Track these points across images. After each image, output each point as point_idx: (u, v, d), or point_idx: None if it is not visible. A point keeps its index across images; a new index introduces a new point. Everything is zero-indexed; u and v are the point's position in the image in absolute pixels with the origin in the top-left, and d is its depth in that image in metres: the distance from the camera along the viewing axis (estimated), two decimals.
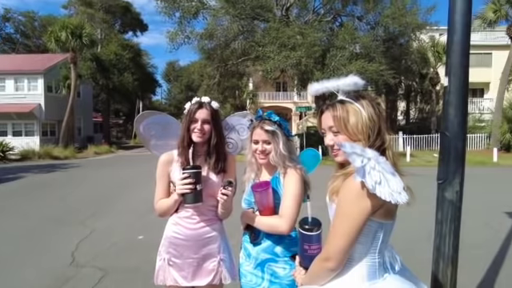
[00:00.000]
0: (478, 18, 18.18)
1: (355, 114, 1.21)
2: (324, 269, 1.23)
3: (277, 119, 1.75)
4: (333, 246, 1.20)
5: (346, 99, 1.25)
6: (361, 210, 1.14)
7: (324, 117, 1.29)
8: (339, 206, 1.19)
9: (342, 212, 1.18)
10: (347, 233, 1.16)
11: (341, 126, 1.22)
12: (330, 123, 1.25)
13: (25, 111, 22.73)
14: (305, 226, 1.38)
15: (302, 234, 1.39)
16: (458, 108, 2.17)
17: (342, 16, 19.36)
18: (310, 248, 1.38)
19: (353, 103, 1.23)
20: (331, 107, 1.26)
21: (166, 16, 17.92)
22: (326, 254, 1.23)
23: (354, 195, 1.14)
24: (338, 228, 1.19)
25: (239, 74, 21.81)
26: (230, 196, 1.70)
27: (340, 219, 1.18)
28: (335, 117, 1.23)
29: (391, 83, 17.07)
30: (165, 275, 1.88)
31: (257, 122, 1.75)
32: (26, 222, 6.10)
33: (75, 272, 3.83)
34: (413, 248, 4.16)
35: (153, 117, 2.10)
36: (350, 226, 1.16)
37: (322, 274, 1.25)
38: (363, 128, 1.20)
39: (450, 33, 2.19)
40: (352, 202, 1.15)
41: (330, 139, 1.27)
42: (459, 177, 2.20)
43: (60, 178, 11.54)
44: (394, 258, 1.33)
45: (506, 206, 6.34)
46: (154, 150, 2.09)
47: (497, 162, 14.34)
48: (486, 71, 24.34)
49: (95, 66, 27.74)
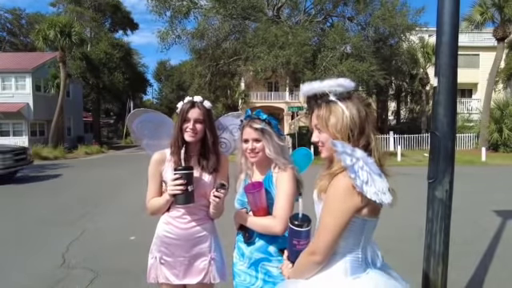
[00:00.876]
0: (465, 20, 18.47)
1: (337, 114, 1.27)
2: (310, 262, 1.29)
3: (265, 117, 1.76)
4: (319, 240, 1.25)
5: (333, 99, 1.30)
6: (347, 208, 1.20)
7: (313, 115, 1.37)
8: (327, 203, 1.25)
9: (329, 209, 1.24)
10: (333, 228, 1.22)
11: (322, 125, 1.31)
12: (315, 121, 1.34)
13: (12, 111, 22.32)
14: (295, 222, 1.42)
15: (292, 230, 1.43)
16: (447, 108, 2.21)
17: (332, 17, 19.49)
18: (299, 243, 1.42)
19: (337, 104, 1.29)
20: (318, 107, 1.33)
21: (157, 15, 17.82)
22: (312, 248, 1.28)
23: (341, 193, 1.20)
24: (324, 224, 1.25)
25: (231, 73, 21.79)
26: (222, 198, 1.71)
27: (327, 215, 1.24)
28: (318, 116, 1.32)
29: (382, 83, 17.25)
30: (157, 273, 1.89)
31: (246, 122, 1.76)
32: (15, 223, 6.00)
33: (66, 273, 3.79)
34: (404, 246, 4.21)
35: (146, 114, 2.08)
36: (337, 222, 1.22)
37: (308, 268, 1.31)
38: (341, 128, 1.26)
39: (438, 34, 2.23)
40: (339, 200, 1.21)
41: (315, 136, 1.36)
42: (449, 176, 2.24)
43: (50, 179, 11.37)
44: (375, 254, 1.39)
45: (494, 205, 6.46)
46: (147, 149, 2.08)
47: (485, 162, 14.59)
48: (474, 72, 24.76)
49: (85, 65, 27.35)
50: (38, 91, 24.48)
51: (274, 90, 29.03)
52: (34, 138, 23.33)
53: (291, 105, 22.64)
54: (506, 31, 17.84)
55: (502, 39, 18.11)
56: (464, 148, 19.49)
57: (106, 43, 30.29)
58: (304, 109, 20.08)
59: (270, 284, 1.69)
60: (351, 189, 1.18)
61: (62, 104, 22.13)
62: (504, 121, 18.12)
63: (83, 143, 25.72)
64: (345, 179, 1.19)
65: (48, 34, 21.11)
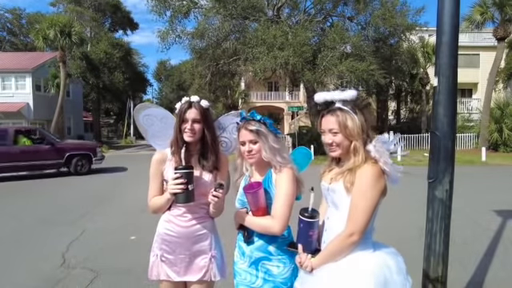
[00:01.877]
0: (465, 20, 18.47)
1: (352, 120, 1.54)
2: (349, 243, 1.49)
3: (259, 118, 1.76)
4: (357, 222, 1.47)
5: (344, 107, 1.56)
6: (379, 190, 1.49)
7: (325, 120, 1.59)
8: (359, 189, 1.48)
9: (363, 194, 1.48)
10: (369, 209, 1.47)
11: (341, 129, 1.55)
12: (331, 126, 1.56)
13: (12, 110, 22.35)
14: (306, 214, 1.57)
15: (307, 222, 1.57)
16: (448, 108, 2.21)
17: (332, 16, 19.47)
18: (314, 233, 1.60)
19: (350, 112, 1.55)
20: (334, 113, 1.57)
21: (157, 15, 17.80)
22: (350, 230, 1.48)
23: (373, 179, 1.48)
24: (361, 207, 1.47)
25: (231, 73, 21.75)
26: (220, 198, 1.73)
27: (361, 200, 1.47)
28: (338, 121, 1.55)
29: (382, 83, 17.23)
30: (158, 270, 1.90)
31: (241, 124, 1.77)
32: (15, 222, 6.00)
33: (66, 273, 3.78)
34: (404, 246, 4.19)
35: (151, 108, 2.11)
36: (370, 204, 1.47)
37: (346, 248, 1.50)
38: (358, 131, 1.54)
39: (438, 34, 2.24)
40: (372, 185, 1.47)
41: (329, 138, 1.58)
42: (449, 176, 2.24)
43: (50, 178, 11.37)
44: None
45: (494, 204, 6.46)
46: (151, 142, 2.10)
47: (485, 161, 14.58)
48: (474, 72, 24.75)
49: (85, 64, 27.34)
50: (38, 91, 24.50)
51: (274, 90, 29.04)
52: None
53: (291, 104, 22.66)
54: (507, 31, 17.84)
55: (503, 39, 18.10)
56: (464, 148, 19.48)
57: (106, 43, 30.27)
58: (304, 108, 20.11)
59: (269, 283, 1.70)
60: (380, 174, 1.49)
61: (62, 104, 22.13)
62: (504, 120, 18.11)
63: None
64: (373, 168, 1.48)
65: (48, 33, 21.12)
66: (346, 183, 1.52)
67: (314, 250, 1.60)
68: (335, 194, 1.57)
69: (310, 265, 1.56)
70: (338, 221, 1.56)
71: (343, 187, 1.53)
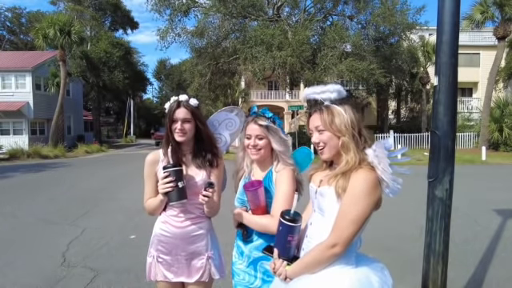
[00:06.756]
0: (465, 19, 18.44)
1: (339, 115, 1.42)
2: (330, 254, 1.32)
3: (271, 115, 1.77)
4: (342, 232, 1.31)
5: (329, 104, 1.46)
6: (373, 200, 1.31)
7: (311, 118, 1.49)
8: (351, 196, 1.31)
9: (354, 201, 1.30)
10: (359, 220, 1.30)
11: (326, 125, 1.42)
12: (316, 123, 1.45)
13: (12, 109, 22.30)
14: (287, 218, 1.42)
15: (287, 226, 1.42)
16: (448, 107, 2.21)
17: (332, 15, 19.45)
18: (293, 239, 1.44)
19: (335, 107, 1.44)
20: (318, 110, 1.46)
21: (157, 13, 17.81)
22: (333, 240, 1.32)
23: (368, 187, 1.31)
24: (349, 216, 1.30)
25: (231, 72, 21.75)
26: (211, 197, 1.71)
27: (352, 207, 1.30)
28: (322, 117, 1.43)
29: (382, 82, 17.23)
30: (155, 271, 1.90)
31: (251, 118, 1.78)
32: (15, 222, 6.00)
33: (66, 272, 3.79)
34: (404, 245, 4.22)
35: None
36: (362, 214, 1.30)
37: (326, 260, 1.34)
38: (346, 127, 1.40)
39: (438, 33, 2.23)
40: (366, 193, 1.30)
41: (316, 137, 1.45)
42: (449, 175, 2.24)
43: (50, 178, 11.38)
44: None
45: (494, 204, 6.46)
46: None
47: (485, 161, 14.58)
48: (474, 71, 24.72)
49: (85, 63, 27.33)
50: (38, 90, 24.45)
51: (274, 89, 28.98)
52: (34, 136, 23.32)
53: (291, 104, 22.57)
54: (507, 30, 17.82)
55: (503, 38, 18.08)
56: (464, 147, 19.47)
57: (106, 42, 30.26)
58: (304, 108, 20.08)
59: (268, 283, 1.68)
60: (376, 183, 1.32)
61: (62, 103, 22.11)
62: (504, 120, 18.11)
63: (83, 142, 25.71)
64: (370, 174, 1.31)
65: (48, 32, 21.09)
66: (338, 188, 1.35)
67: (291, 256, 1.46)
68: (323, 199, 1.42)
69: (284, 273, 1.42)
70: (322, 228, 1.40)
71: (334, 192, 1.37)
